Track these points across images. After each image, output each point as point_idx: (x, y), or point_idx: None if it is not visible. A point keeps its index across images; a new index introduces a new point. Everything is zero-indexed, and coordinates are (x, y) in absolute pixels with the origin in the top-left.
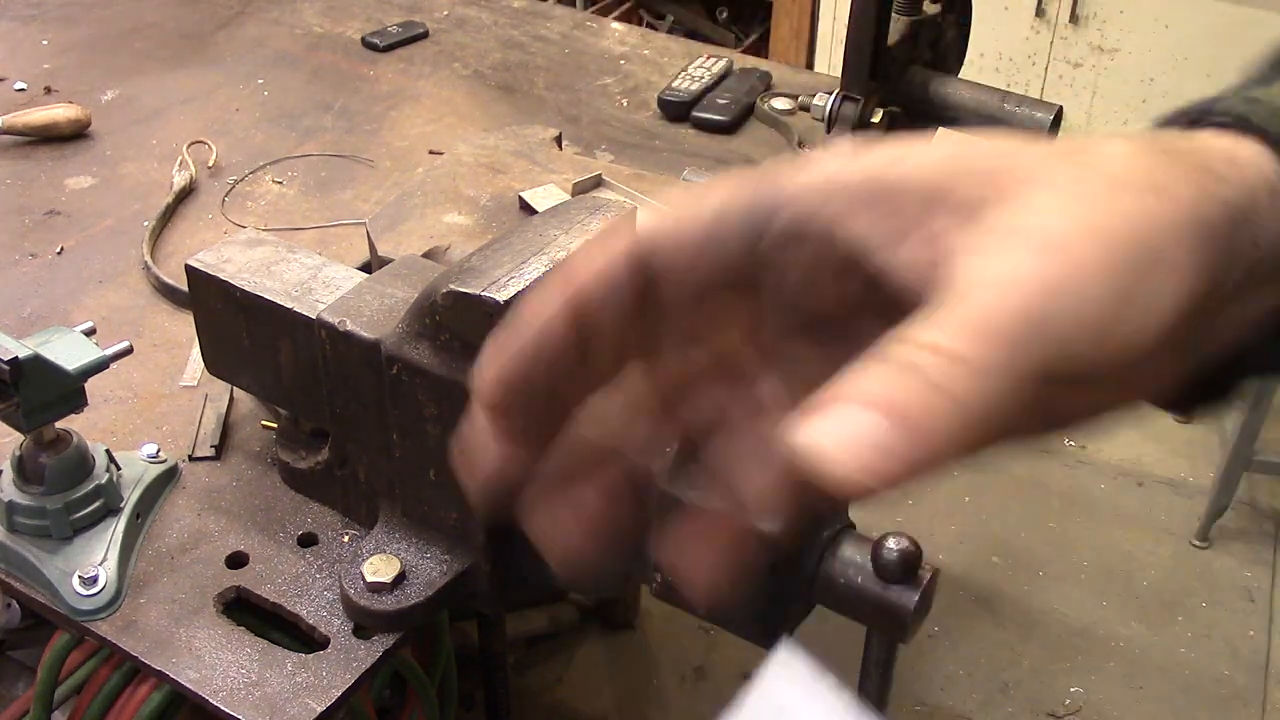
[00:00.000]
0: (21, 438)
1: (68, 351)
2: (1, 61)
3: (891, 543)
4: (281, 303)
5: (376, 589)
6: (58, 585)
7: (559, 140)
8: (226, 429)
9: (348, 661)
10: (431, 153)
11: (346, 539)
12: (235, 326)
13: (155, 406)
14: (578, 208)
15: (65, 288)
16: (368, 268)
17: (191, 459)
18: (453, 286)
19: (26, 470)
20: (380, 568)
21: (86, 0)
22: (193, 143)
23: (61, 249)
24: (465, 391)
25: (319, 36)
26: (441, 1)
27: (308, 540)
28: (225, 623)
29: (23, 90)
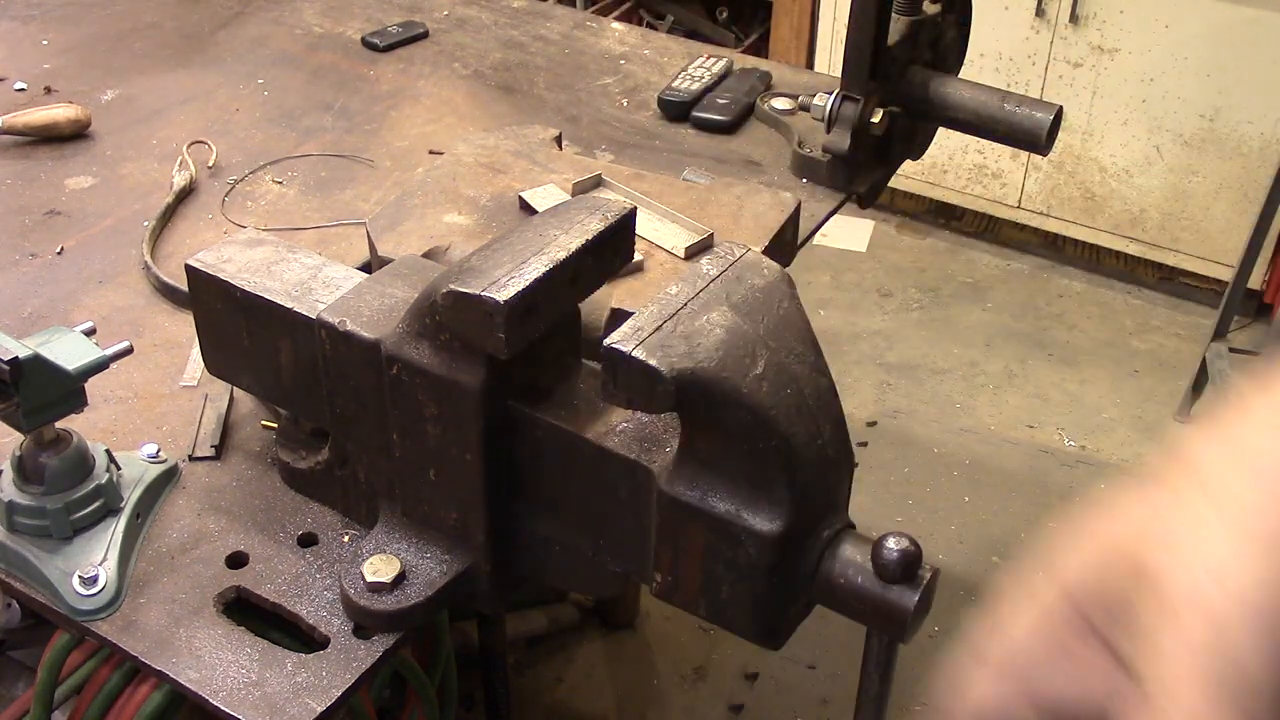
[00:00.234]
0: (21, 438)
1: (68, 351)
2: (1, 61)
3: (891, 543)
4: (281, 303)
5: (376, 589)
6: (58, 585)
7: (559, 140)
8: (226, 429)
9: (348, 661)
10: (431, 153)
11: (346, 539)
12: (235, 326)
13: (155, 406)
14: (578, 208)
15: (65, 288)
16: (368, 268)
17: (191, 459)
18: (453, 286)
19: (26, 470)
20: (380, 568)
21: (86, 0)
22: (193, 143)
23: (61, 249)
24: (465, 391)
25: (319, 36)
26: (441, 1)
27: (308, 540)
28: (225, 623)
29: (23, 90)
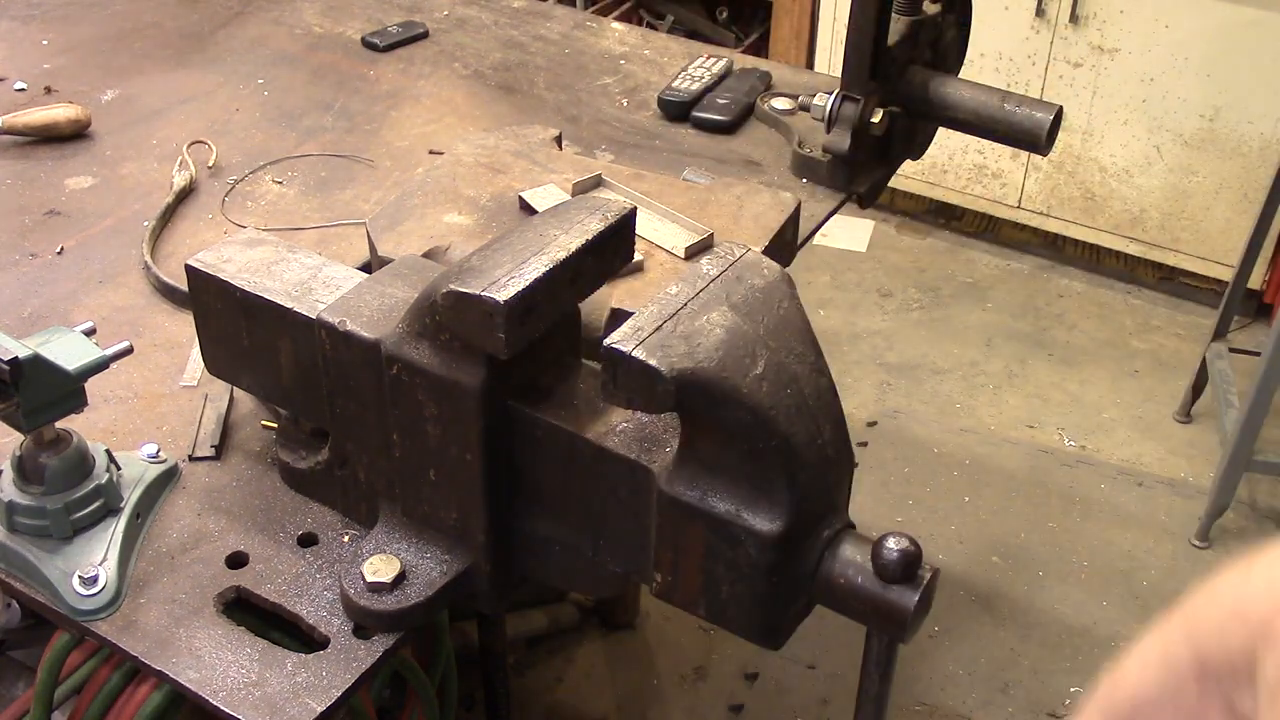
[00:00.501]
0: (21, 438)
1: (68, 351)
2: (1, 61)
3: (891, 543)
4: (281, 303)
5: (376, 589)
6: (58, 585)
7: (559, 140)
8: (226, 429)
9: (348, 661)
10: (431, 153)
11: (346, 539)
12: (235, 326)
13: (155, 406)
14: (578, 208)
15: (65, 288)
16: (368, 268)
17: (191, 459)
18: (453, 286)
19: (26, 470)
20: (380, 568)
21: (86, 0)
22: (193, 143)
23: (61, 249)
24: (465, 391)
25: (319, 36)
26: (441, 1)
27: (308, 540)
28: (225, 623)
29: (23, 90)
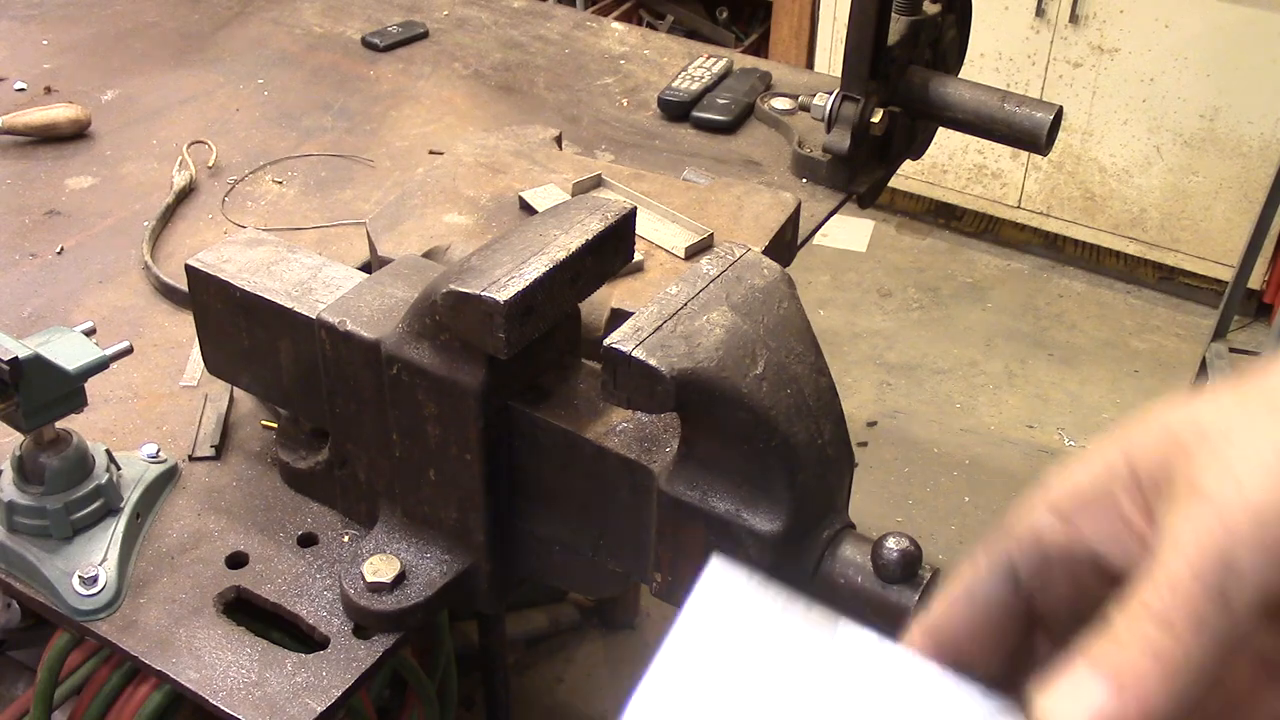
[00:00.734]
0: (21, 438)
1: (68, 351)
2: (1, 61)
3: (891, 543)
4: (281, 303)
5: (376, 589)
6: (58, 585)
7: (559, 140)
8: (226, 429)
9: (348, 661)
10: (431, 153)
11: (346, 539)
12: (235, 326)
13: (155, 406)
14: (578, 208)
15: (65, 288)
16: (368, 268)
17: (191, 459)
18: (453, 286)
19: (26, 470)
20: (380, 568)
21: (86, 0)
22: (193, 143)
23: (61, 249)
24: (465, 391)
25: (319, 36)
26: (441, 1)
27: (308, 540)
28: (225, 623)
29: (23, 90)
